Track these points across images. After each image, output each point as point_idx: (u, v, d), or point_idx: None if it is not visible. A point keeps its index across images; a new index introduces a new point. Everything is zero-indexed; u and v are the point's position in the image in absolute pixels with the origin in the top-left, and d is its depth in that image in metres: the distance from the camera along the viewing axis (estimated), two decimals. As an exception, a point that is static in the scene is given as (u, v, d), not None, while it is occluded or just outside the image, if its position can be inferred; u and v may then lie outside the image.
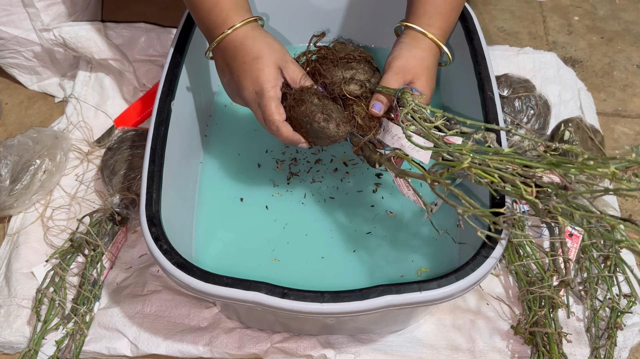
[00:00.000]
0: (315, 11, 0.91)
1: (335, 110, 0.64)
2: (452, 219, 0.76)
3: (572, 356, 0.72)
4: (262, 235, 0.76)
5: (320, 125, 0.63)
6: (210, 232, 0.77)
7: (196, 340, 0.72)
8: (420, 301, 0.55)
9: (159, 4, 1.19)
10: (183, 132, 0.76)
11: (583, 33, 1.14)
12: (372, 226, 0.76)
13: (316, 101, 0.63)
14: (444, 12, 0.66)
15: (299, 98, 0.64)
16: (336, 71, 0.66)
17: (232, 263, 0.74)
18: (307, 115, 0.63)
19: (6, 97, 1.05)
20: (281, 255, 0.74)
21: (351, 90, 0.65)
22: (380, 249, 0.74)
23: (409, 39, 0.65)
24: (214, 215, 0.78)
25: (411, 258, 0.73)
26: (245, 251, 0.75)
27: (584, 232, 0.78)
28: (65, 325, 0.74)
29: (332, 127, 0.63)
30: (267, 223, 0.77)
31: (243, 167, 0.82)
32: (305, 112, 0.63)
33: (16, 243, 0.82)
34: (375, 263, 0.73)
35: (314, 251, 0.74)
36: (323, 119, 0.63)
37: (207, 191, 0.80)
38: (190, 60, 0.77)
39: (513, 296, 0.77)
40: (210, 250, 0.75)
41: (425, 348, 0.72)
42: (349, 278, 0.72)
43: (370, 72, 0.67)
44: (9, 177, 0.82)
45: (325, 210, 0.78)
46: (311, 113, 0.62)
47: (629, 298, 0.74)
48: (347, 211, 0.77)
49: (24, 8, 0.91)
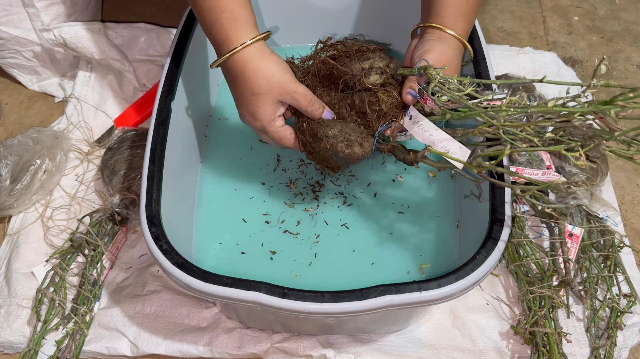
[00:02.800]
0: (320, 12, 0.91)
1: (351, 131, 0.63)
2: (452, 218, 0.77)
3: (572, 356, 0.72)
4: (262, 235, 0.76)
5: (346, 153, 0.62)
6: (210, 232, 0.77)
7: (196, 340, 0.72)
8: (420, 301, 0.55)
9: (159, 4, 1.19)
10: (183, 132, 0.76)
11: (583, 33, 1.14)
12: (372, 226, 0.76)
13: (331, 133, 0.62)
14: (467, 14, 0.67)
15: (314, 134, 0.63)
16: (353, 64, 0.66)
17: (232, 263, 0.74)
18: (329, 149, 0.62)
19: (6, 97, 1.05)
20: (281, 255, 0.74)
21: (372, 82, 0.64)
22: (380, 249, 0.74)
23: (437, 37, 0.66)
24: (214, 215, 0.78)
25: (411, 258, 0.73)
26: (245, 251, 0.75)
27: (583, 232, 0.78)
28: (65, 325, 0.74)
29: (357, 149, 0.62)
30: (269, 223, 0.77)
31: (243, 167, 0.82)
32: (326, 147, 0.62)
33: (16, 243, 0.82)
34: (375, 263, 0.73)
35: (314, 251, 0.74)
36: (346, 146, 0.62)
37: (207, 191, 0.80)
38: (191, 60, 0.77)
39: (513, 296, 0.77)
40: (210, 249, 0.75)
41: (425, 348, 0.72)
42: (349, 278, 0.72)
43: (388, 59, 0.67)
44: (9, 177, 0.82)
45: (326, 210, 0.78)
46: (332, 146, 0.62)
47: (629, 298, 0.74)
48: (348, 210, 0.77)
49: (24, 8, 0.91)
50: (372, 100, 0.63)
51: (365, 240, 0.75)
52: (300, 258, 0.74)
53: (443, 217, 0.77)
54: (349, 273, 0.72)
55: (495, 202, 0.61)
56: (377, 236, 0.75)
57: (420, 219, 0.76)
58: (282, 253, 0.74)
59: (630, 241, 0.83)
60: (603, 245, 0.79)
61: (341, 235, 0.75)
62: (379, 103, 0.63)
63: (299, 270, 0.73)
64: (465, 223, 0.73)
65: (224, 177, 0.82)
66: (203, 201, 0.79)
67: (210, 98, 0.89)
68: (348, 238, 0.75)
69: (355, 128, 0.63)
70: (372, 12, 0.92)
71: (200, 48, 0.81)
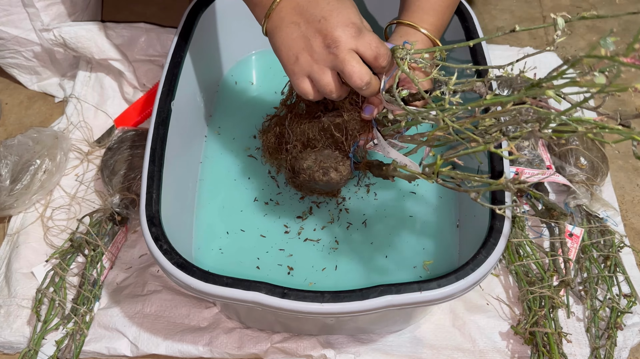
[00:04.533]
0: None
1: (325, 158, 0.65)
2: (452, 218, 0.77)
3: (572, 356, 0.72)
4: (262, 235, 0.76)
5: (324, 180, 0.65)
6: (210, 232, 0.77)
7: (196, 340, 0.72)
8: (420, 301, 0.55)
9: (159, 4, 1.19)
10: (183, 132, 0.76)
11: (583, 33, 1.14)
12: (373, 226, 0.76)
13: (306, 164, 0.65)
14: (439, 8, 0.65)
15: (292, 168, 0.68)
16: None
17: (232, 263, 0.74)
18: (309, 181, 0.66)
19: (6, 97, 1.05)
20: (282, 255, 0.74)
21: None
22: (381, 249, 0.74)
23: (403, 32, 0.64)
24: (214, 215, 0.78)
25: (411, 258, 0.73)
26: (245, 252, 0.75)
27: (583, 232, 0.78)
28: (65, 325, 0.74)
29: (333, 175, 0.65)
30: (268, 223, 0.77)
31: (243, 167, 0.82)
32: (306, 179, 0.66)
33: (16, 243, 0.82)
34: (376, 263, 0.73)
35: (314, 251, 0.74)
36: (322, 174, 0.65)
37: (207, 191, 0.80)
38: (191, 60, 0.77)
39: (513, 296, 0.77)
40: (210, 250, 0.75)
41: (425, 348, 0.72)
42: (349, 279, 0.72)
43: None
44: (9, 177, 0.82)
45: (326, 210, 0.78)
46: (310, 177, 0.65)
47: (629, 298, 0.74)
48: (348, 210, 0.77)
49: (23, 8, 0.91)
50: (338, 122, 0.64)
51: (367, 240, 0.75)
52: (304, 258, 0.74)
53: (443, 217, 0.77)
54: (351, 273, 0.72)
55: (495, 202, 0.61)
56: (377, 236, 0.75)
57: (420, 219, 0.76)
58: (282, 251, 0.74)
59: (630, 241, 0.83)
60: (603, 245, 0.79)
61: (344, 235, 0.75)
62: (344, 123, 0.64)
63: (301, 270, 0.73)
64: (465, 223, 0.73)
65: (224, 177, 0.82)
66: (203, 201, 0.79)
67: (211, 98, 0.89)
68: (349, 237, 0.75)
69: (330, 155, 0.66)
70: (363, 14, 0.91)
71: (200, 48, 0.81)
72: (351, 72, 0.52)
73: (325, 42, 0.52)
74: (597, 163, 0.84)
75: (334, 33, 0.52)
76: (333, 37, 0.52)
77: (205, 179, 0.82)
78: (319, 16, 0.53)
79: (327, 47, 0.52)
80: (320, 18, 0.53)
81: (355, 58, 0.52)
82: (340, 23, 0.52)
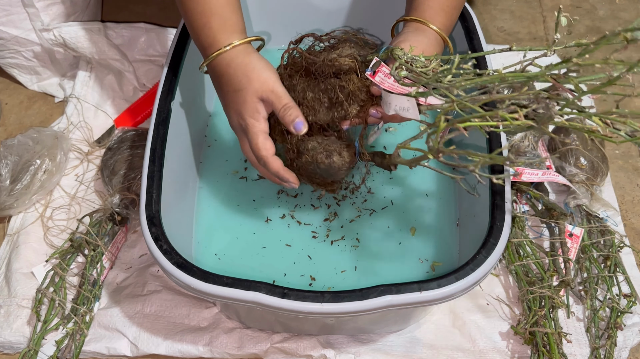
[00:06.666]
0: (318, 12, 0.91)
1: (330, 142, 0.65)
2: (452, 218, 0.77)
3: (572, 356, 0.72)
4: (262, 235, 0.76)
5: (326, 163, 0.64)
6: (210, 232, 0.77)
7: (196, 340, 0.72)
8: (420, 301, 0.55)
9: (159, 4, 1.19)
10: (183, 132, 0.76)
11: (583, 33, 1.14)
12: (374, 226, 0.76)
13: (310, 145, 0.64)
14: (447, 9, 0.66)
15: (297, 149, 0.66)
16: (323, 54, 0.66)
17: (232, 263, 0.74)
18: (311, 162, 0.65)
19: (6, 97, 1.05)
20: (282, 255, 0.74)
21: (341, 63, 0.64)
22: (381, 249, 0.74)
23: (413, 28, 0.65)
24: (214, 215, 0.78)
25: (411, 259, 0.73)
26: (245, 252, 0.75)
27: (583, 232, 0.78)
28: (65, 325, 0.74)
29: (335, 158, 0.64)
30: (268, 223, 0.77)
31: (243, 167, 0.82)
32: (308, 160, 0.65)
33: (16, 243, 0.82)
34: (376, 263, 0.73)
35: (315, 251, 0.74)
36: (325, 157, 0.64)
37: (207, 191, 0.80)
38: (191, 60, 0.77)
39: (513, 296, 0.77)
40: (210, 250, 0.75)
41: (425, 348, 0.72)
42: (348, 279, 0.72)
43: (357, 48, 0.67)
44: (9, 177, 0.82)
45: (327, 210, 0.78)
46: (312, 158, 0.64)
47: (629, 298, 0.74)
48: (348, 210, 0.77)
49: (23, 8, 0.92)
50: (341, 84, 0.64)
51: (367, 240, 0.75)
52: (304, 258, 0.74)
53: (443, 217, 0.77)
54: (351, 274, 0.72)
55: (495, 202, 0.61)
56: (376, 237, 0.75)
57: (420, 218, 0.76)
58: (285, 253, 0.74)
59: (630, 241, 0.83)
60: (603, 245, 0.79)
61: (343, 235, 0.75)
62: (347, 83, 0.63)
63: (301, 270, 0.73)
64: (465, 223, 0.73)
65: (224, 177, 0.82)
66: (203, 201, 0.79)
67: (211, 98, 0.89)
68: (349, 237, 0.75)
69: (335, 141, 0.66)
70: (370, 11, 0.91)
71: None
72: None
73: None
74: (597, 163, 0.84)
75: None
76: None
77: (205, 179, 0.82)
78: (222, 103, 0.65)
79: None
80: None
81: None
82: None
